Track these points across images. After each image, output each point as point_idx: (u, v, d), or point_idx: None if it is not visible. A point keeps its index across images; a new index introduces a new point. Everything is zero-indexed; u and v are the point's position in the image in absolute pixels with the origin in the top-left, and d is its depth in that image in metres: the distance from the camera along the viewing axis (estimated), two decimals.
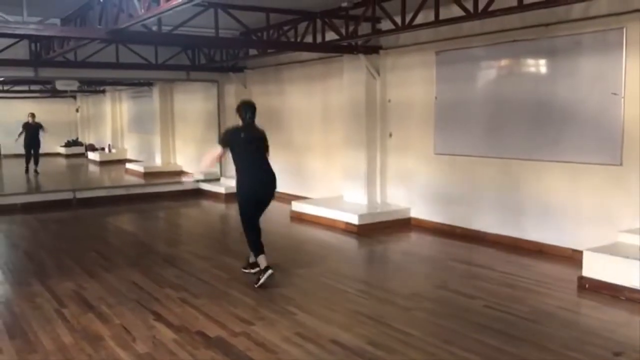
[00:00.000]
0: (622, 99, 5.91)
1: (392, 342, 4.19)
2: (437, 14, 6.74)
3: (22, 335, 4.40)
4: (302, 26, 8.45)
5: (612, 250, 5.38)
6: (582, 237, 6.12)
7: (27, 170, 15.91)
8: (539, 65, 6.91)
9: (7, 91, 18.71)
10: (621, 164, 5.96)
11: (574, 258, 6.08)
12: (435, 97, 7.95)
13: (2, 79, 14.85)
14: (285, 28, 8.62)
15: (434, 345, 4.15)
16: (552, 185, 6.67)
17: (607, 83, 6.01)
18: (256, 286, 5.47)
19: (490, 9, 6.09)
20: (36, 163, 16.13)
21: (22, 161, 16.74)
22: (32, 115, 16.42)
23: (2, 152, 16.98)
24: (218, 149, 5.83)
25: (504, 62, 7.22)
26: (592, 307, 5.08)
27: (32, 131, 16.14)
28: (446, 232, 7.85)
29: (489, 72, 7.45)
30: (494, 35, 7.01)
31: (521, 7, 5.93)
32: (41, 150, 16.59)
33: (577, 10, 6.21)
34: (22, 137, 16.15)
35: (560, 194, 6.58)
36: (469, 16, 6.37)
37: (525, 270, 6.07)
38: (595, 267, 5.32)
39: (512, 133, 7.05)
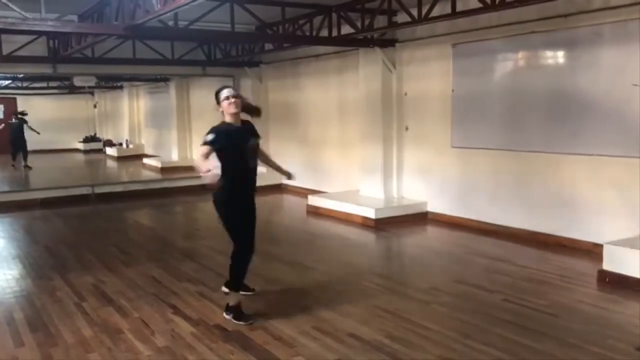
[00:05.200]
0: None
1: (410, 336, 4.18)
2: (453, 6, 6.70)
3: (43, 328, 4.45)
4: (317, 20, 8.43)
5: (633, 243, 5.31)
6: (603, 231, 6.05)
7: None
8: (558, 57, 6.81)
9: (26, 88, 18.93)
10: None
11: (594, 252, 6.01)
12: (452, 90, 7.89)
13: (21, 75, 15.03)
14: (301, 22, 8.61)
15: (453, 339, 4.13)
16: (571, 178, 6.59)
17: (628, 74, 5.90)
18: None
19: (508, 0, 6.03)
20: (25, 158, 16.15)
21: (42, 157, 17.00)
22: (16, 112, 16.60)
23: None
24: None
25: (522, 54, 7.14)
26: (612, 301, 5.01)
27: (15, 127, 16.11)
28: (464, 225, 7.80)
29: (506, 65, 7.37)
30: (511, 27, 6.92)
31: None
32: (61, 146, 16.75)
33: (597, 0, 6.11)
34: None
35: (580, 186, 6.50)
36: (486, 8, 6.31)
37: (544, 263, 6.01)
38: (615, 261, 5.25)
39: (531, 126, 6.97)
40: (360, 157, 9.19)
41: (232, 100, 4.55)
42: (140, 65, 11.07)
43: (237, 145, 4.49)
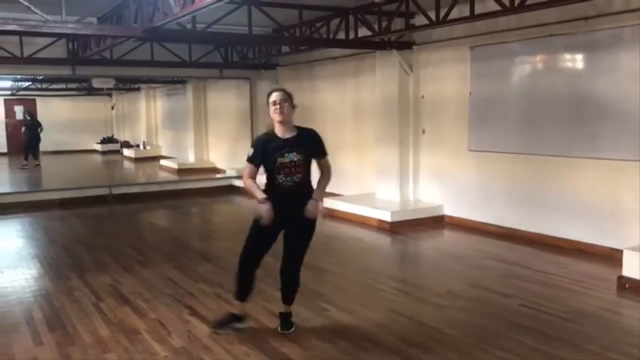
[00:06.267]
0: None
1: (426, 341, 4.16)
2: (472, 9, 6.67)
3: (61, 328, 4.50)
4: (334, 22, 8.43)
5: None
6: (622, 236, 5.97)
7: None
8: (577, 60, 6.76)
9: (46, 89, 19.15)
10: None
11: (613, 257, 5.94)
12: (470, 93, 7.85)
13: (40, 77, 15.21)
14: (318, 24, 8.62)
15: (469, 344, 4.10)
16: (590, 183, 6.52)
17: None
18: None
19: (527, 2, 5.99)
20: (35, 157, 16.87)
21: (60, 158, 17.25)
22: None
23: (40, 149, 17.39)
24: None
25: (540, 58, 7.09)
26: (632, 307, 4.95)
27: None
28: (480, 229, 7.75)
29: (525, 68, 7.32)
30: (530, 29, 6.87)
31: (559, 1, 5.80)
32: (79, 147, 17.07)
33: (618, 2, 6.05)
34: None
35: (598, 191, 6.43)
36: (505, 10, 6.27)
37: (562, 269, 5.96)
38: (635, 267, 5.18)
39: (549, 130, 6.92)
40: (376, 159, 9.16)
41: (277, 105, 3.99)
42: (158, 68, 11.16)
43: (272, 159, 4.03)
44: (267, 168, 4.11)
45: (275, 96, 4.02)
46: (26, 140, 16.70)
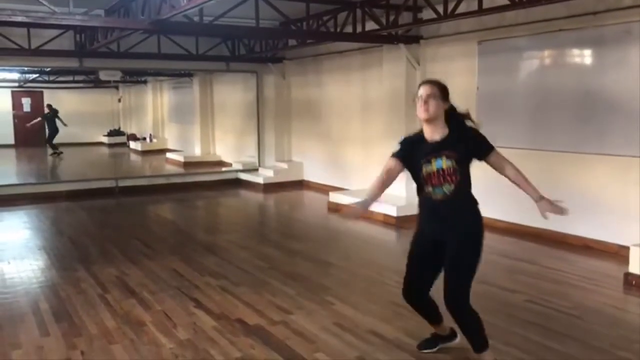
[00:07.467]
0: None
1: None
2: (480, 3, 6.63)
3: (67, 319, 4.52)
4: (342, 16, 8.40)
5: None
6: (629, 233, 5.92)
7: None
8: (586, 56, 6.71)
9: (53, 82, 19.20)
10: None
11: (620, 254, 5.92)
12: (477, 88, 7.81)
13: (48, 69, 15.25)
14: (325, 18, 8.59)
15: None
16: (598, 179, 6.49)
17: None
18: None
19: None
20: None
21: (67, 150, 17.43)
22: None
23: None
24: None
25: (549, 52, 7.04)
26: (638, 304, 4.93)
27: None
28: (487, 225, 7.57)
29: (533, 63, 7.27)
30: (538, 24, 6.82)
31: None
32: (86, 140, 17.31)
33: None
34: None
35: (606, 188, 6.40)
36: (513, 5, 6.23)
37: (569, 265, 5.93)
38: None
39: (557, 125, 6.87)
40: (383, 154, 9.09)
41: (422, 101, 3.40)
42: (165, 60, 11.16)
43: (418, 166, 3.46)
44: (413, 178, 3.55)
45: (422, 90, 3.42)
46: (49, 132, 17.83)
